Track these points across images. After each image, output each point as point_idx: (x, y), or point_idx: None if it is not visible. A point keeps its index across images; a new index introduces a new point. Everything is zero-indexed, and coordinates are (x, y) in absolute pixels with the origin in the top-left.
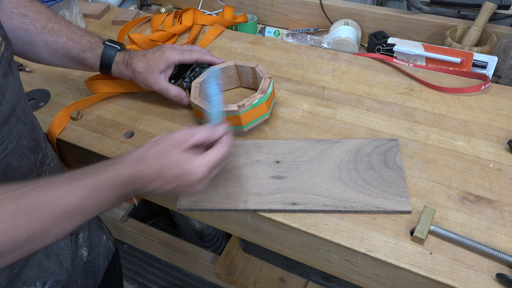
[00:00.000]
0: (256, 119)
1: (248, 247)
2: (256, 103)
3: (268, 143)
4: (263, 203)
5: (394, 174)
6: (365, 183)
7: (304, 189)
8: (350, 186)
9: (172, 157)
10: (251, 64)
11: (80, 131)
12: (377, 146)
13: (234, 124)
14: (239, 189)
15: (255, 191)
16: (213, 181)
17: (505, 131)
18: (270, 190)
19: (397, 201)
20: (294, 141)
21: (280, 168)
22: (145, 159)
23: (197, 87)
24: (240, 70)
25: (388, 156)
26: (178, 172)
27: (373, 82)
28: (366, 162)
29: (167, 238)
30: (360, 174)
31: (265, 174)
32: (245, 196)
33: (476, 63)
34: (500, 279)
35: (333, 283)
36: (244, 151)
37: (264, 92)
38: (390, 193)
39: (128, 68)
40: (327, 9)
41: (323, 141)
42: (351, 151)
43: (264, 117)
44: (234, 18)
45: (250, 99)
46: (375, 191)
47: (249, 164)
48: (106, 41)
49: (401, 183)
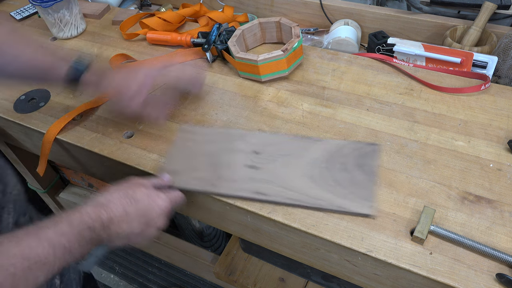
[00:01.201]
0: (274, 73)
1: (248, 247)
2: (296, 46)
3: (252, 134)
4: (232, 189)
5: (365, 177)
6: (335, 183)
7: (275, 181)
8: (319, 184)
9: (140, 192)
10: (275, 19)
11: (80, 131)
12: (356, 148)
13: (254, 73)
14: (213, 173)
15: (228, 177)
16: (192, 164)
17: (505, 131)
18: (243, 178)
19: (361, 204)
20: (277, 135)
21: (258, 159)
22: (112, 200)
23: (234, 45)
24: (264, 27)
25: (365, 160)
26: (145, 205)
27: (373, 82)
28: (341, 163)
29: (167, 238)
30: (332, 174)
31: (241, 162)
32: (217, 180)
33: (476, 63)
34: (500, 279)
35: (333, 283)
36: (226, 138)
37: (298, 36)
38: (357, 195)
39: (98, 89)
40: (327, 9)
41: (305, 138)
42: (330, 151)
43: (282, 73)
44: (234, 18)
45: (290, 43)
46: (342, 191)
47: (229, 151)
48: (75, 58)
49: (370, 187)
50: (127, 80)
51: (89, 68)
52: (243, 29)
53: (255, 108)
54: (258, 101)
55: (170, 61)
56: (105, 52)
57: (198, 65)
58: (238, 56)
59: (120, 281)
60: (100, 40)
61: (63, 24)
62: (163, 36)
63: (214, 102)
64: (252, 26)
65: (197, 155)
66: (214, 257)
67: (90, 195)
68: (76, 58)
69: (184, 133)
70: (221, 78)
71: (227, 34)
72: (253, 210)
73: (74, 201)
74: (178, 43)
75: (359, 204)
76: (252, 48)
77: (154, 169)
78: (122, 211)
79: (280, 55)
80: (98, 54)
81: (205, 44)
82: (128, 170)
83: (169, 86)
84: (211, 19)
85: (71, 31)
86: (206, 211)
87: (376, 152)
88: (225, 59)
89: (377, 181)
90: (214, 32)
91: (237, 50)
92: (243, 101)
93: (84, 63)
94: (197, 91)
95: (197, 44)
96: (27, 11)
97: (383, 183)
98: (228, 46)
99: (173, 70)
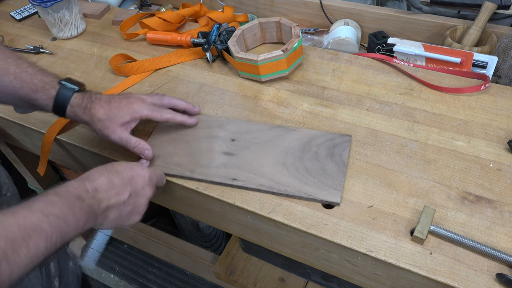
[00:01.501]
0: (274, 73)
1: (248, 247)
2: (296, 46)
3: (231, 122)
4: (207, 175)
5: (335, 167)
6: (305, 171)
7: (248, 168)
8: (290, 172)
9: (119, 165)
10: (275, 19)
11: (80, 131)
12: (329, 139)
13: (254, 73)
14: (191, 159)
15: (204, 163)
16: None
17: (505, 131)
18: (218, 164)
19: (329, 192)
20: (254, 124)
21: (234, 146)
22: (93, 173)
23: (234, 45)
24: (264, 27)
25: (336, 150)
26: (128, 175)
27: (373, 82)
28: (314, 152)
29: (167, 238)
30: (304, 162)
31: (218, 149)
32: (194, 166)
33: (476, 63)
34: (500, 279)
35: (333, 283)
36: (207, 125)
37: (298, 36)
38: (325, 184)
39: (87, 112)
40: (327, 9)
41: (280, 127)
42: (303, 140)
43: (282, 73)
44: (234, 18)
45: (290, 43)
46: (312, 180)
47: (208, 138)
48: (62, 81)
49: (339, 176)
50: (118, 110)
51: (80, 89)
52: (243, 29)
53: (255, 108)
54: (258, 101)
55: (161, 101)
56: (105, 52)
57: (197, 65)
58: (238, 56)
59: (120, 281)
60: (100, 40)
61: (63, 24)
62: (163, 36)
63: (214, 102)
64: (252, 26)
65: (179, 141)
66: (214, 257)
67: None
68: (66, 78)
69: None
70: (221, 78)
71: (227, 34)
72: (253, 210)
73: None
74: (178, 43)
75: (327, 192)
76: (252, 48)
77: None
78: (106, 181)
79: (280, 55)
80: (98, 54)
81: (205, 44)
82: None
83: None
84: (211, 19)
85: (71, 31)
86: (206, 211)
87: (348, 143)
88: (225, 59)
89: (347, 171)
90: (214, 32)
91: (237, 50)
92: (243, 101)
93: (75, 82)
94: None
95: (197, 44)
96: (27, 11)
97: (383, 183)
98: (228, 46)
99: (165, 111)
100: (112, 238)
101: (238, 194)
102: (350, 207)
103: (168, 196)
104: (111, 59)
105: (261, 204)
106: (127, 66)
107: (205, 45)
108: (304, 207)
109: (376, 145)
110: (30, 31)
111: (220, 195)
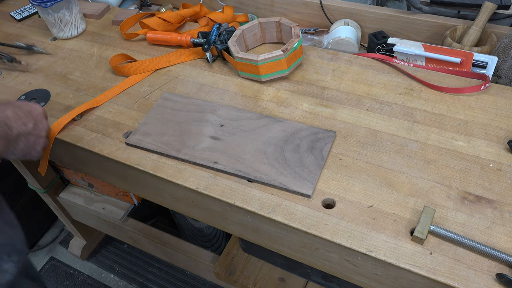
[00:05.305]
0: (274, 73)
1: (248, 247)
2: (296, 46)
3: (223, 108)
4: (191, 156)
5: (314, 160)
6: (284, 161)
7: (230, 153)
8: (269, 161)
9: (17, 102)
10: (275, 19)
11: (80, 131)
12: (313, 133)
13: (254, 73)
14: (179, 140)
15: (191, 145)
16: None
17: (505, 131)
18: (203, 147)
19: (303, 184)
20: (245, 112)
21: (221, 131)
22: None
23: (234, 45)
24: (264, 27)
25: (318, 144)
26: (25, 108)
27: (373, 82)
28: (296, 145)
29: (167, 238)
30: (284, 153)
31: (206, 133)
32: (180, 146)
33: (476, 63)
34: (500, 279)
35: (333, 283)
36: (201, 109)
37: (298, 36)
38: (301, 176)
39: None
40: (327, 9)
41: (269, 117)
42: (288, 132)
43: (282, 73)
44: (234, 18)
45: (290, 44)
46: (288, 170)
47: (199, 121)
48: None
49: (315, 170)
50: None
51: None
52: (243, 29)
53: (255, 108)
54: (258, 101)
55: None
56: (105, 52)
57: (197, 65)
58: (238, 56)
59: (120, 281)
60: (100, 40)
61: (63, 24)
62: (163, 36)
63: (214, 102)
64: (252, 26)
65: (171, 122)
66: (214, 257)
67: (91, 195)
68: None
69: (165, 100)
70: (221, 78)
71: (227, 34)
72: (253, 210)
73: (74, 201)
74: (178, 43)
75: (301, 184)
76: (252, 48)
77: (154, 169)
78: (12, 113)
79: (280, 55)
80: (98, 54)
81: (205, 44)
82: (128, 170)
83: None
84: (211, 20)
85: (71, 31)
86: (206, 211)
87: (331, 139)
88: (225, 59)
89: (325, 165)
90: (214, 32)
91: (237, 50)
92: (243, 101)
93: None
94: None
95: (197, 44)
96: (27, 11)
97: (383, 183)
98: (228, 46)
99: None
100: (112, 238)
101: (238, 194)
102: (350, 207)
103: (168, 196)
104: (111, 59)
105: (261, 204)
106: (127, 66)
107: (205, 45)
108: (304, 207)
109: (376, 145)
110: (30, 31)
111: (220, 195)
